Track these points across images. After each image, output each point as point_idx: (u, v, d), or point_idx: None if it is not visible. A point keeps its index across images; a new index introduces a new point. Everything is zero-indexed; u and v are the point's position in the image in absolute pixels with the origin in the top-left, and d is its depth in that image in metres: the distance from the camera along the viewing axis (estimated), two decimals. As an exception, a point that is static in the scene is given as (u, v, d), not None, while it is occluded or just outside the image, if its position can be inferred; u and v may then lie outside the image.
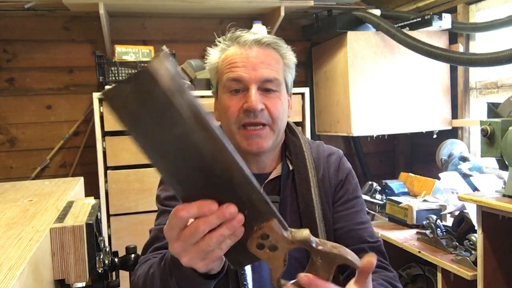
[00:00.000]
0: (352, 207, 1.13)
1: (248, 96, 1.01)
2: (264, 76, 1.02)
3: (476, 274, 1.58)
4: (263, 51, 1.04)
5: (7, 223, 0.79)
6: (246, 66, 1.02)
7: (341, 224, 1.11)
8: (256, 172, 1.12)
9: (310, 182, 1.09)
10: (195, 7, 2.53)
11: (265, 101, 1.02)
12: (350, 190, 1.14)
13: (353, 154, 3.07)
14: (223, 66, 1.06)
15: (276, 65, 1.05)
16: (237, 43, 1.05)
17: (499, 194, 1.56)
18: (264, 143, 1.04)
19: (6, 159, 2.58)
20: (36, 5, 2.46)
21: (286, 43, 1.15)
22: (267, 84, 1.03)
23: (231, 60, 1.04)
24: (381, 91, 2.55)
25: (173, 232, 0.64)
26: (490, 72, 2.43)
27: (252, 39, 1.04)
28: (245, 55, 1.03)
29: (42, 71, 2.60)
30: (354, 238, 1.09)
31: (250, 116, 1.01)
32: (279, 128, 1.06)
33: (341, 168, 1.16)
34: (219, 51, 1.09)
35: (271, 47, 1.06)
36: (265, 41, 1.05)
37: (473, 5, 2.50)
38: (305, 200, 1.09)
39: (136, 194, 2.24)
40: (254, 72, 1.02)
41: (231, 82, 1.03)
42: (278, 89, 1.05)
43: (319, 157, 1.15)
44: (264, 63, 1.03)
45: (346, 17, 2.54)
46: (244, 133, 1.03)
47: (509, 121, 1.55)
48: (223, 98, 1.05)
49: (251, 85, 1.01)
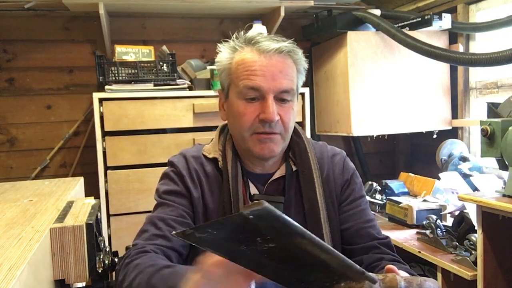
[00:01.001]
0: (359, 205, 1.14)
1: (265, 107, 1.02)
2: (282, 86, 1.03)
3: (476, 274, 1.58)
4: (282, 60, 1.05)
5: (7, 223, 0.79)
6: (265, 75, 1.02)
7: (349, 224, 1.12)
8: (259, 172, 1.13)
9: (315, 183, 1.10)
10: (195, 7, 2.53)
11: (280, 111, 1.04)
12: (356, 190, 1.16)
13: (353, 154, 3.07)
14: (239, 71, 1.05)
15: (292, 74, 1.06)
16: (256, 50, 1.04)
17: (499, 194, 1.56)
18: (276, 148, 1.06)
19: (6, 159, 2.58)
20: (36, 5, 2.46)
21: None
22: (284, 95, 1.04)
23: (250, 67, 1.03)
24: (381, 91, 2.55)
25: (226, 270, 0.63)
26: (490, 72, 2.43)
27: (273, 48, 1.03)
28: (265, 64, 1.03)
29: (42, 71, 2.60)
30: (364, 236, 1.10)
31: (265, 127, 1.03)
32: (288, 136, 1.09)
33: (346, 168, 1.17)
34: (232, 51, 1.08)
35: (289, 55, 1.06)
36: (284, 49, 1.05)
37: (473, 5, 2.50)
38: (310, 200, 1.09)
39: (136, 194, 2.24)
40: (273, 82, 1.02)
41: (249, 90, 1.03)
42: (292, 99, 1.07)
43: (323, 158, 1.16)
44: (282, 73, 1.03)
45: (346, 17, 2.53)
46: (257, 137, 1.04)
47: (509, 121, 1.55)
48: (237, 104, 1.05)
49: (269, 95, 1.02)
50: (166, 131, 2.34)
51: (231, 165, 1.09)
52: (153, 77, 2.32)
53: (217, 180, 1.11)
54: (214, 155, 1.13)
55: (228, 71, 1.08)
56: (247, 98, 1.03)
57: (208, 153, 1.14)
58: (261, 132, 1.03)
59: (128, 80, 2.31)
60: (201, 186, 1.10)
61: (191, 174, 1.10)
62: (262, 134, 1.04)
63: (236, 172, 1.09)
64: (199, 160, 1.13)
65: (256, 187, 1.12)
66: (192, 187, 1.09)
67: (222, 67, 1.10)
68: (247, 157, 1.11)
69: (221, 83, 1.13)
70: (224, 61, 1.09)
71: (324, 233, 1.07)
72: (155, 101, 2.27)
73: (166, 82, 2.34)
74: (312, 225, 1.08)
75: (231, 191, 1.07)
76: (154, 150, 2.27)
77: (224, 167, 1.10)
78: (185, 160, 1.13)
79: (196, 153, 1.15)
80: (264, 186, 1.13)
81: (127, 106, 2.22)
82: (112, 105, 2.20)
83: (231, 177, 1.08)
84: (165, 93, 2.29)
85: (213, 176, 1.11)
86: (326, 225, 1.08)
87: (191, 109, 2.30)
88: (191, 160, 1.13)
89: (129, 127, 2.23)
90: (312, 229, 1.08)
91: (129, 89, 2.27)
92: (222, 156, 1.12)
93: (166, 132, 2.33)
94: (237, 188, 1.07)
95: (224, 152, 1.12)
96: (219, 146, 1.14)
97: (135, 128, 2.24)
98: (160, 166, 2.23)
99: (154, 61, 2.34)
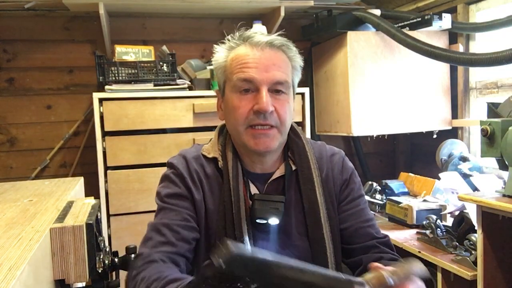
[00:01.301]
0: (358, 205, 1.15)
1: (259, 98, 1.01)
2: (276, 78, 1.03)
3: (476, 274, 1.58)
4: (275, 53, 1.05)
5: (7, 223, 0.79)
6: (258, 67, 1.02)
7: (349, 223, 1.12)
8: (259, 172, 1.13)
9: (314, 182, 1.10)
10: (195, 7, 2.53)
11: (275, 103, 1.03)
12: (355, 189, 1.16)
13: (353, 154, 3.07)
14: (233, 66, 1.06)
15: (286, 68, 1.06)
16: (249, 44, 1.05)
17: (499, 194, 1.56)
18: (271, 143, 1.05)
19: (6, 159, 2.58)
20: (36, 5, 2.46)
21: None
22: (278, 86, 1.04)
23: (242, 60, 1.04)
24: (381, 91, 2.55)
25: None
26: (490, 72, 2.43)
27: (265, 40, 1.04)
28: (257, 56, 1.03)
29: (42, 71, 2.60)
30: (363, 235, 1.11)
31: (260, 118, 1.02)
32: (285, 130, 1.08)
33: (345, 168, 1.17)
34: (227, 50, 1.09)
35: (282, 49, 1.07)
36: (277, 43, 1.05)
37: (473, 5, 2.50)
38: (310, 200, 1.09)
39: (136, 194, 2.24)
40: (266, 73, 1.02)
41: (242, 82, 1.03)
42: (287, 92, 1.06)
43: (322, 157, 1.16)
44: (275, 65, 1.03)
45: (346, 17, 2.53)
46: (251, 132, 1.04)
47: (509, 121, 1.55)
48: (231, 98, 1.05)
49: (262, 87, 1.02)
50: (166, 131, 2.34)
51: (232, 164, 1.09)
52: (153, 77, 2.32)
53: (217, 181, 1.11)
54: (214, 155, 1.13)
55: (223, 68, 1.09)
56: (241, 91, 1.03)
57: (207, 153, 1.14)
58: (256, 124, 1.03)
59: (128, 80, 2.31)
60: (202, 187, 1.10)
61: (192, 175, 1.10)
62: (257, 128, 1.03)
63: (237, 172, 1.08)
64: (199, 161, 1.13)
65: (256, 186, 1.12)
66: (194, 189, 1.09)
67: (218, 65, 1.10)
68: (246, 154, 1.11)
69: (218, 82, 1.14)
70: (220, 60, 1.09)
71: (324, 232, 1.07)
72: (155, 101, 2.27)
73: (166, 82, 2.34)
74: (312, 225, 1.08)
75: (232, 190, 1.06)
76: (154, 150, 2.27)
77: (225, 166, 1.10)
78: (185, 161, 1.12)
79: (195, 153, 1.15)
80: (264, 185, 1.13)
81: (127, 106, 2.22)
82: (112, 105, 2.20)
83: (232, 177, 1.07)
84: (165, 93, 2.30)
85: (213, 176, 1.11)
86: (326, 225, 1.08)
87: (191, 109, 2.31)
88: (191, 161, 1.12)
89: (129, 127, 2.23)
90: (312, 228, 1.08)
91: (129, 89, 2.27)
92: (222, 156, 1.12)
93: (166, 132, 2.34)
94: (238, 188, 1.07)
95: (224, 152, 1.12)
96: (218, 146, 1.14)
97: (135, 128, 2.24)
98: (160, 166, 2.23)
99: (154, 61, 2.34)
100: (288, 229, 1.10)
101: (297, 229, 1.10)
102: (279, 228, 1.08)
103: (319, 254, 1.07)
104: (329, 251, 1.07)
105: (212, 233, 1.08)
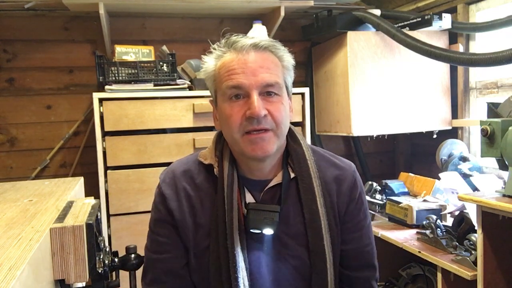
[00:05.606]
0: (362, 228, 1.14)
1: (250, 103, 0.99)
2: (265, 80, 1.00)
3: (476, 274, 1.58)
4: (261, 55, 1.02)
5: (7, 223, 0.79)
6: (245, 72, 0.99)
7: (350, 246, 1.12)
8: (256, 179, 1.10)
9: (315, 192, 1.07)
10: (195, 7, 2.53)
11: (268, 106, 1.00)
12: (362, 210, 1.14)
13: (353, 154, 3.07)
14: (221, 74, 1.03)
15: (276, 69, 1.03)
16: (233, 49, 1.02)
17: (499, 194, 1.56)
18: (269, 147, 1.01)
19: (6, 159, 2.58)
20: (36, 5, 2.46)
21: (286, 43, 1.13)
22: (268, 88, 1.01)
23: (229, 67, 1.01)
24: (381, 91, 2.55)
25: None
26: (490, 72, 2.43)
27: (249, 43, 1.02)
28: (243, 61, 1.00)
29: (42, 71, 2.60)
30: (361, 259, 1.13)
31: (253, 123, 0.99)
32: (282, 133, 1.05)
33: (355, 186, 1.14)
34: (215, 59, 1.06)
35: (269, 50, 1.04)
36: (262, 44, 1.03)
37: (473, 5, 2.50)
38: (310, 210, 1.06)
39: (136, 194, 2.24)
40: (254, 77, 0.99)
41: (231, 89, 1.00)
42: (280, 93, 1.03)
43: (325, 171, 1.13)
44: (263, 68, 1.01)
45: (346, 17, 2.53)
46: (248, 138, 1.01)
47: (509, 121, 1.55)
48: (223, 107, 1.03)
49: (252, 91, 0.99)
50: (166, 131, 2.34)
51: (227, 172, 1.06)
52: (153, 77, 2.32)
53: (209, 191, 1.09)
54: (210, 161, 1.11)
55: (213, 78, 1.07)
56: (231, 98, 1.01)
57: (204, 158, 1.12)
58: (251, 130, 1.00)
59: (128, 80, 2.31)
60: (190, 203, 1.08)
61: (177, 193, 1.09)
62: (253, 133, 1.00)
63: (232, 179, 1.05)
64: (189, 174, 1.11)
65: (253, 194, 1.10)
66: (176, 208, 1.08)
67: (208, 76, 1.08)
68: (245, 162, 1.08)
69: (210, 93, 1.12)
70: (209, 70, 1.07)
71: (325, 243, 1.05)
72: (155, 101, 2.27)
73: (166, 82, 2.34)
74: (313, 236, 1.05)
75: (225, 199, 1.04)
76: (154, 150, 2.27)
77: (220, 174, 1.07)
78: (173, 177, 1.12)
79: (186, 166, 1.13)
80: (260, 193, 1.09)
81: (127, 106, 2.22)
82: (112, 105, 2.20)
83: (227, 185, 1.05)
84: (165, 93, 2.30)
85: (205, 188, 1.09)
86: (327, 236, 1.06)
87: (191, 109, 2.31)
88: (179, 177, 1.11)
89: (129, 127, 2.23)
90: (313, 239, 1.06)
91: (129, 89, 2.27)
92: (218, 163, 1.09)
93: (166, 132, 2.34)
94: (232, 196, 1.04)
95: (221, 158, 1.09)
96: (216, 152, 1.11)
97: (135, 128, 2.24)
98: (160, 166, 2.23)
99: (154, 61, 2.34)
100: (286, 240, 1.07)
101: (297, 240, 1.07)
102: (276, 238, 1.06)
103: (318, 265, 1.05)
104: (329, 263, 1.05)
105: (203, 248, 1.07)
